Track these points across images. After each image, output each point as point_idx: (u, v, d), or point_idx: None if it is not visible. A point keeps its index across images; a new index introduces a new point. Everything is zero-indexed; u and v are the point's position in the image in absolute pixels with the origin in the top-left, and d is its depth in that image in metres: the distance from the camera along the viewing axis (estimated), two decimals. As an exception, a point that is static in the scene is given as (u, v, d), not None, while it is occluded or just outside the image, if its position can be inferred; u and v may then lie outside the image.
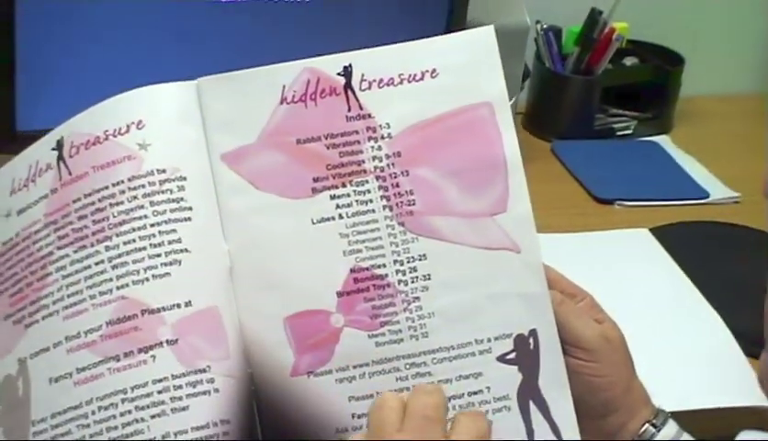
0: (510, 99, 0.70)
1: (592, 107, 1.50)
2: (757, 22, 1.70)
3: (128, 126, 0.65)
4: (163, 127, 0.66)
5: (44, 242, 0.65)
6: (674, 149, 1.49)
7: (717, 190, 1.36)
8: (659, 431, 0.70)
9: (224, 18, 1.03)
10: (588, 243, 1.21)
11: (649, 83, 1.54)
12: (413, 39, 0.69)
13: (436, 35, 0.70)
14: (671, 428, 0.70)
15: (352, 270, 0.66)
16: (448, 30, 1.08)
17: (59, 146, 0.66)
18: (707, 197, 1.34)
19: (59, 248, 0.65)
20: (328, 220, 0.67)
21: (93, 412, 0.62)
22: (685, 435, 0.70)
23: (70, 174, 0.65)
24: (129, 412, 0.61)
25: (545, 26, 1.50)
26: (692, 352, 0.71)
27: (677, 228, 1.24)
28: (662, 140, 1.52)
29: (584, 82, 1.50)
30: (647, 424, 0.70)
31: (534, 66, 1.52)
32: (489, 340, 0.67)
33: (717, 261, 1.15)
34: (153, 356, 0.62)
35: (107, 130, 0.65)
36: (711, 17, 1.67)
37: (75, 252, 0.64)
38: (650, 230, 1.21)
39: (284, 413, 0.65)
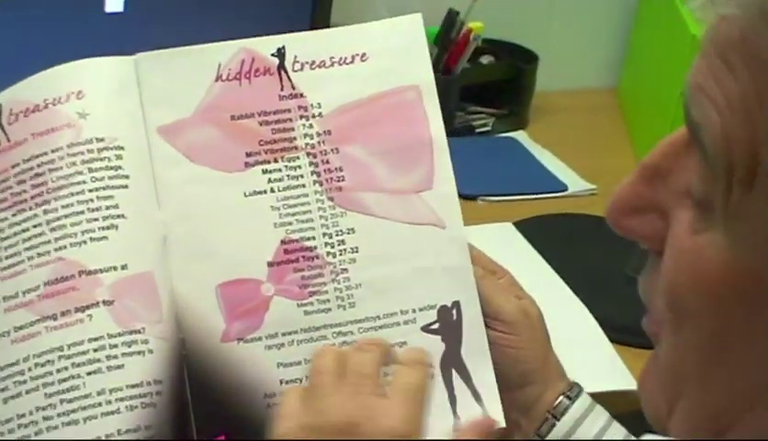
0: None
1: (452, 105, 1.50)
2: (607, 20, 1.75)
3: (68, 95, 0.67)
4: (101, 98, 0.68)
5: None
6: (531, 144, 1.51)
7: (575, 183, 1.39)
8: (573, 403, 0.73)
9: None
10: None
11: (505, 80, 1.57)
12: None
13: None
14: (584, 401, 0.73)
15: (282, 242, 0.69)
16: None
17: None
18: (566, 189, 1.37)
19: None
20: (260, 193, 0.69)
21: (30, 369, 0.63)
22: (597, 408, 0.73)
23: (9, 140, 0.67)
24: (66, 368, 0.63)
25: None
26: (560, 340, 0.74)
27: (539, 220, 1.26)
28: (520, 135, 1.54)
29: (443, 81, 1.46)
30: (562, 397, 0.73)
31: None
32: (414, 311, 0.70)
33: (578, 251, 1.18)
34: (90, 316, 0.64)
35: (46, 99, 0.67)
36: (562, 16, 1.71)
37: (14, 215, 0.65)
38: (514, 223, 1.23)
39: (213, 378, 0.67)
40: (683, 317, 0.40)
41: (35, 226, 0.65)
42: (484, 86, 1.55)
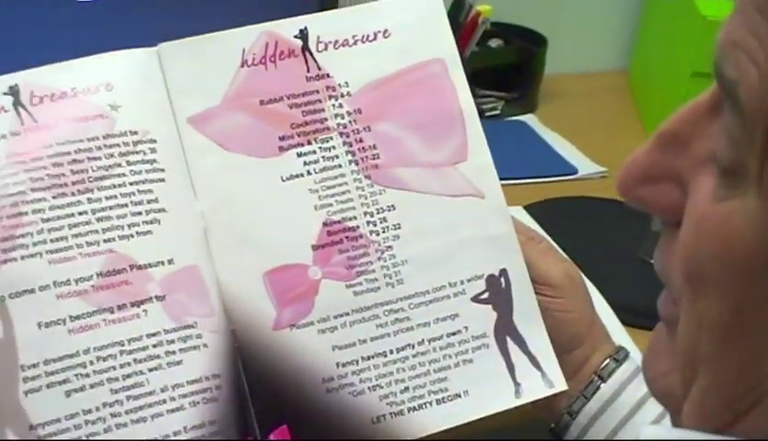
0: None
1: None
2: (616, 2, 1.75)
3: (97, 86, 0.65)
4: (130, 90, 0.66)
5: (11, 180, 0.63)
6: (541, 127, 1.51)
7: (585, 166, 1.38)
8: (620, 365, 0.72)
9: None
10: None
11: (514, 64, 1.56)
12: (282, 17, 0.71)
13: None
14: (630, 364, 0.73)
15: (324, 224, 0.67)
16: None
17: (14, 92, 0.64)
18: (576, 172, 1.36)
19: (33, 190, 0.62)
20: (297, 176, 0.68)
21: (91, 362, 0.61)
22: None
23: (35, 121, 0.64)
24: (129, 364, 0.61)
25: None
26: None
27: (549, 204, 1.25)
28: (529, 118, 1.54)
29: None
30: (609, 359, 0.72)
31: None
32: (462, 282, 0.69)
33: (589, 234, 1.17)
34: (146, 311, 0.62)
35: (75, 88, 0.65)
36: None
37: (54, 198, 0.63)
38: (524, 207, 1.22)
39: (269, 367, 0.65)
40: (702, 290, 0.38)
41: (80, 213, 0.63)
42: (493, 70, 1.53)
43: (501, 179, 1.27)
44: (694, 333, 0.39)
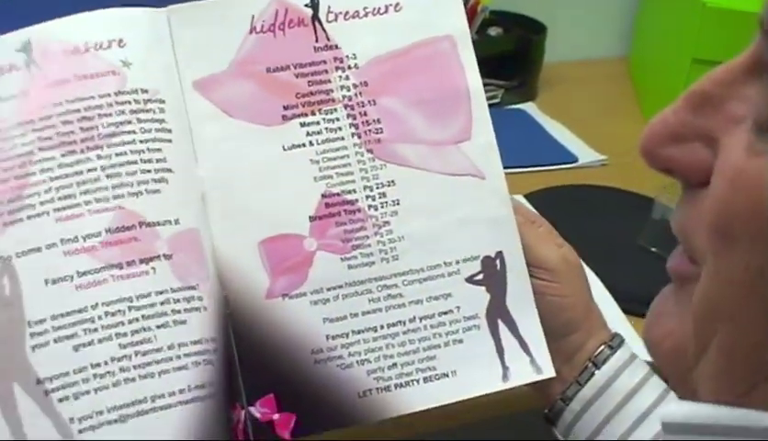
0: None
1: None
2: None
3: (109, 42, 0.65)
4: (142, 48, 0.66)
5: (19, 140, 0.63)
6: (541, 115, 1.51)
7: (585, 154, 1.38)
8: (614, 352, 0.72)
9: None
10: None
11: (513, 52, 1.56)
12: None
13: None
14: (625, 351, 0.73)
15: (323, 195, 0.68)
16: None
17: (25, 48, 0.64)
18: (576, 161, 1.37)
19: (41, 149, 0.63)
20: (299, 146, 0.68)
21: (99, 317, 0.61)
22: (638, 360, 0.73)
23: (46, 77, 0.64)
24: (137, 319, 0.61)
25: None
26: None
27: (549, 192, 1.25)
28: (529, 107, 1.54)
29: None
30: (603, 346, 0.72)
31: None
32: (457, 262, 0.69)
33: (590, 222, 1.17)
34: (154, 268, 0.62)
35: (87, 42, 0.65)
36: None
37: (63, 156, 0.63)
38: (524, 196, 1.23)
39: (259, 335, 0.66)
40: (731, 244, 0.38)
41: (89, 170, 0.63)
42: (492, 58, 1.53)
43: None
44: (717, 290, 0.39)
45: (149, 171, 0.63)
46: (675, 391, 0.44)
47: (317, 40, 0.69)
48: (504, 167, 0.72)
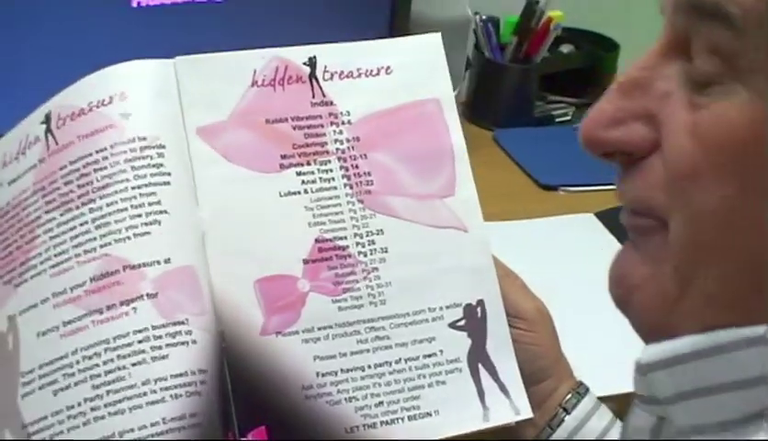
0: (454, 89, 0.77)
1: (532, 94, 1.52)
2: None
3: (110, 97, 0.69)
4: (143, 99, 0.70)
5: (32, 207, 0.68)
6: None
7: None
8: (581, 399, 0.78)
9: (170, 23, 1.06)
10: (535, 229, 1.23)
11: (585, 69, 1.58)
12: (357, 33, 0.76)
13: (381, 28, 0.77)
14: (591, 398, 0.78)
15: (317, 240, 0.71)
16: (393, 22, 1.15)
17: (47, 119, 0.69)
18: None
19: (46, 212, 0.67)
20: (294, 193, 0.72)
21: (77, 362, 0.64)
22: (603, 407, 0.78)
23: (57, 143, 0.68)
24: (112, 360, 0.64)
25: (483, 17, 1.52)
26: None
27: (620, 211, 1.27)
28: None
29: (523, 70, 1.53)
30: (571, 392, 0.78)
31: (473, 56, 1.53)
32: (441, 308, 0.73)
33: None
34: (135, 308, 0.65)
35: (91, 102, 0.69)
36: (642, 3, 1.72)
37: (62, 215, 0.67)
38: (595, 214, 1.24)
39: (253, 369, 0.68)
40: (701, 183, 0.44)
41: (81, 224, 0.66)
42: (564, 75, 1.56)
43: (572, 186, 1.30)
44: (692, 229, 0.45)
45: (139, 215, 0.67)
46: (649, 340, 0.48)
47: (314, 96, 0.74)
48: (575, 185, 0.76)
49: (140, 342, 0.64)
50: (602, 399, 0.78)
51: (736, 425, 0.45)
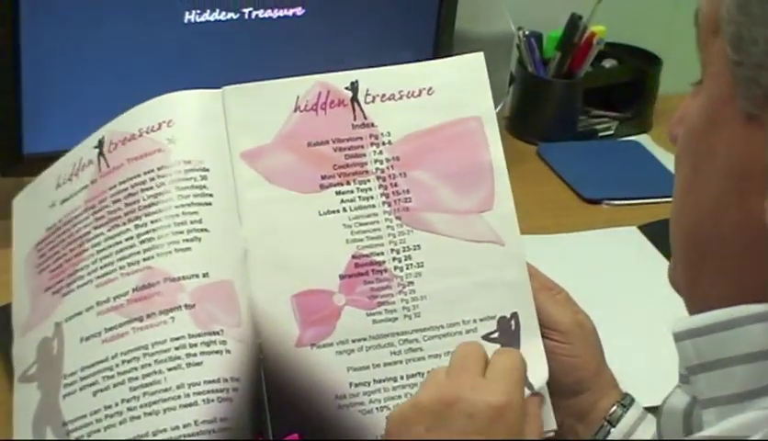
0: (497, 105, 0.79)
1: (575, 109, 1.53)
2: None
3: (159, 124, 0.75)
4: (190, 125, 0.75)
5: (82, 224, 0.75)
6: (655, 147, 1.51)
7: None
8: (626, 411, 0.77)
9: (219, 39, 1.08)
10: (579, 242, 1.25)
11: (628, 83, 1.58)
12: (403, 49, 0.78)
13: (425, 44, 0.79)
14: (637, 409, 0.78)
15: (353, 256, 0.75)
16: (437, 39, 1.16)
17: (100, 144, 0.76)
18: None
19: (95, 228, 0.74)
20: (333, 212, 0.75)
21: (117, 365, 0.70)
22: (649, 416, 0.77)
23: (108, 166, 0.75)
24: (149, 365, 0.69)
25: (527, 32, 1.53)
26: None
27: (664, 224, 1.24)
28: (643, 138, 1.55)
29: (566, 85, 1.53)
30: (616, 405, 0.77)
31: (517, 71, 1.54)
32: (475, 321, 0.75)
33: None
34: (173, 318, 0.70)
35: (141, 128, 0.75)
36: (685, 18, 1.70)
37: (109, 230, 0.73)
38: (639, 227, 1.24)
39: (288, 380, 0.72)
40: (678, 168, 0.58)
41: (127, 239, 0.72)
42: (607, 90, 1.56)
43: (615, 199, 1.32)
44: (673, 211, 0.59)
45: (181, 232, 0.72)
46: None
47: (355, 119, 0.77)
48: (618, 199, 0.77)
49: (176, 349, 0.70)
50: (648, 410, 0.78)
51: (752, 396, 0.49)
